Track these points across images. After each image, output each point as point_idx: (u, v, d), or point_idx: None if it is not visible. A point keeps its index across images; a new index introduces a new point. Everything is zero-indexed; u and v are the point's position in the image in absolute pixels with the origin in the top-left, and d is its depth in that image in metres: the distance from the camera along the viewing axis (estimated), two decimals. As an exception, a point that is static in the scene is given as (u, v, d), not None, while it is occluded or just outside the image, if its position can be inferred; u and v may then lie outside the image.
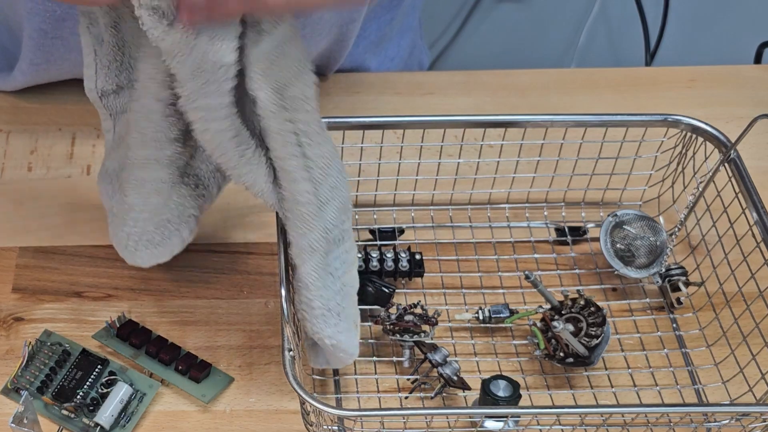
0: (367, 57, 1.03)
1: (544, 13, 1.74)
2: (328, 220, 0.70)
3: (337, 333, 0.71)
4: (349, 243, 0.73)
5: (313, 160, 0.69)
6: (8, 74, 0.95)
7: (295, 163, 0.68)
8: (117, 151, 0.76)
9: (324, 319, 0.71)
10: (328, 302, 0.71)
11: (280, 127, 0.67)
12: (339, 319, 0.71)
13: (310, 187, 0.69)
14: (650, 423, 0.72)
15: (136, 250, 0.76)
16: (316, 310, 0.71)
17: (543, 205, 0.88)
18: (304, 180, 0.69)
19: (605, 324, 0.76)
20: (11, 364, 0.77)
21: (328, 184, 0.70)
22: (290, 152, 0.68)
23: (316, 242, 0.70)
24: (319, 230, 0.70)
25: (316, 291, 0.70)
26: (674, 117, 0.84)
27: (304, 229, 0.69)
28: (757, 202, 0.78)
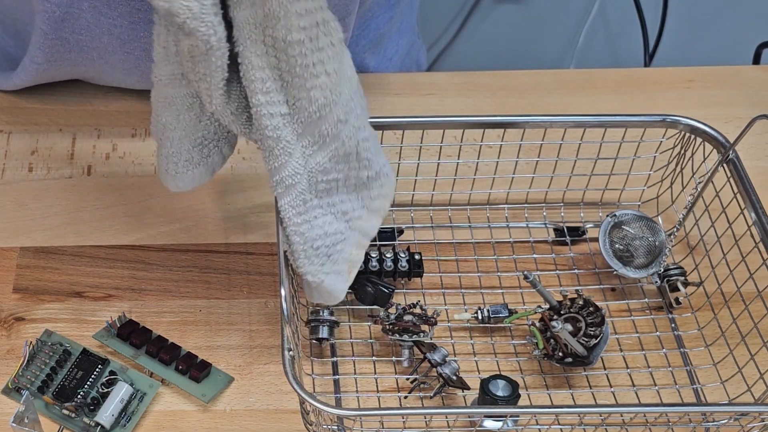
0: (366, 56, 1.04)
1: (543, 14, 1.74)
2: (316, 162, 0.69)
3: (321, 272, 0.71)
4: (379, 191, 0.71)
5: (298, 100, 0.67)
6: (10, 74, 0.95)
7: (264, 99, 0.66)
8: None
9: (305, 255, 0.70)
10: (313, 241, 0.70)
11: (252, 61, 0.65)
12: (326, 260, 0.71)
13: (279, 122, 0.67)
14: (649, 423, 0.72)
15: (176, 173, 0.75)
16: (294, 245, 0.70)
17: (542, 206, 0.89)
18: (274, 115, 0.67)
19: (604, 324, 0.76)
20: (12, 364, 0.77)
21: (318, 129, 0.68)
22: (258, 87, 0.65)
23: (290, 178, 0.68)
24: (292, 167, 0.68)
25: (294, 227, 0.70)
26: (673, 117, 0.84)
27: (275, 164, 0.68)
28: (756, 203, 0.78)
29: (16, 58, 0.96)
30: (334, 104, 0.68)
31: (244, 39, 0.65)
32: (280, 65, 0.66)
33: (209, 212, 0.88)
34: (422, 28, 1.19)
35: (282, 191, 0.69)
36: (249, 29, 0.65)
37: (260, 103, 0.66)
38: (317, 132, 0.68)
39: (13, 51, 0.97)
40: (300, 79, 0.66)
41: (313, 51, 0.66)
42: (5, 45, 0.98)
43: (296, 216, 0.70)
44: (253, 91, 0.66)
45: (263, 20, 0.64)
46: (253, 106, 0.67)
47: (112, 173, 0.91)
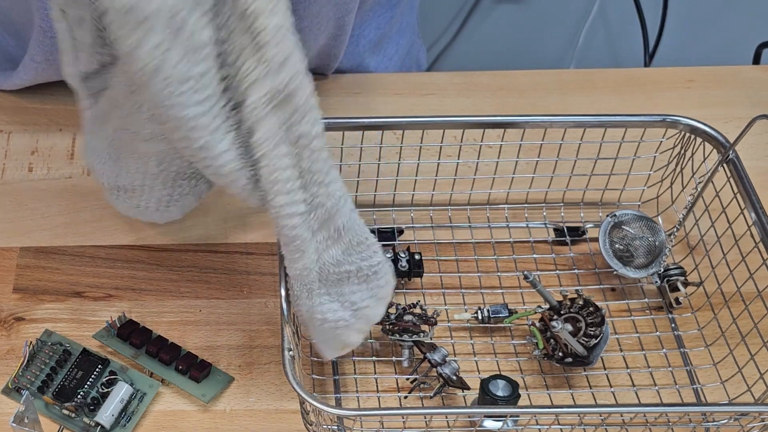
0: (367, 56, 1.04)
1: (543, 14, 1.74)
2: (331, 256, 0.69)
3: (318, 340, 0.72)
4: (385, 278, 0.71)
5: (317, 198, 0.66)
6: (10, 73, 0.95)
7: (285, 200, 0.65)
8: (104, 129, 0.74)
9: (305, 324, 0.72)
10: (322, 325, 0.71)
11: (280, 163, 0.64)
12: (323, 336, 0.72)
13: (299, 221, 0.66)
14: (649, 423, 0.72)
15: (167, 208, 0.76)
16: (303, 314, 0.71)
17: (542, 206, 0.89)
18: (293, 216, 0.66)
19: (604, 324, 0.76)
20: (12, 364, 0.77)
21: (334, 224, 0.68)
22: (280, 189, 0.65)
23: (302, 270, 0.68)
24: (307, 262, 0.68)
25: (300, 307, 0.70)
26: (673, 117, 0.84)
27: (290, 257, 0.68)
28: (756, 203, 0.78)
29: (16, 57, 0.96)
30: (347, 195, 0.68)
31: (271, 143, 0.63)
32: (301, 163, 0.64)
33: (209, 212, 0.88)
34: (422, 28, 1.19)
35: (293, 275, 0.69)
36: (277, 130, 0.63)
37: (280, 205, 0.65)
38: (333, 227, 0.68)
39: (13, 51, 0.97)
40: (320, 175, 0.65)
41: (325, 142, 0.65)
42: (5, 44, 0.98)
43: (297, 299, 0.70)
44: (276, 192, 0.65)
45: (290, 118, 0.63)
46: (272, 208, 0.65)
47: (112, 173, 0.91)
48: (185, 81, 0.60)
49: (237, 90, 0.62)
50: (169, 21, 0.58)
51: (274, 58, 0.61)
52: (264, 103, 0.62)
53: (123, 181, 0.76)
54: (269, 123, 0.63)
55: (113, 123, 0.74)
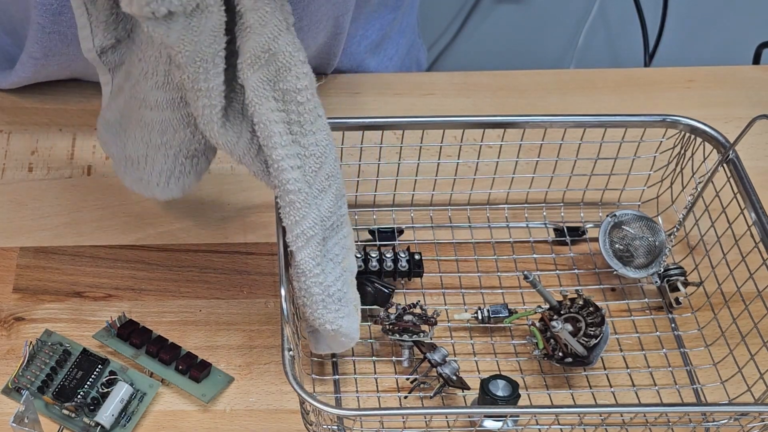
0: (367, 57, 1.04)
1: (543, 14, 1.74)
2: (325, 208, 0.70)
3: (338, 318, 0.72)
4: (347, 228, 0.73)
5: (307, 148, 0.69)
6: (8, 72, 0.95)
7: (283, 152, 0.68)
8: (116, 101, 0.77)
9: (324, 305, 0.71)
10: (329, 288, 0.71)
11: (268, 117, 0.68)
12: (340, 305, 0.72)
13: (299, 175, 0.69)
14: (649, 423, 0.72)
15: (167, 184, 0.77)
16: (315, 296, 0.71)
17: (542, 206, 0.89)
18: (293, 168, 0.69)
19: (604, 324, 0.76)
20: (12, 364, 0.77)
21: (324, 172, 0.70)
22: (277, 142, 0.68)
23: (310, 229, 0.70)
24: (312, 218, 0.70)
25: (314, 278, 0.70)
26: (673, 117, 0.84)
27: (296, 217, 0.69)
28: (756, 203, 0.78)
29: (13, 56, 0.96)
30: (332, 143, 0.71)
31: (258, 98, 0.67)
32: (289, 117, 0.68)
33: (209, 212, 0.88)
34: (422, 28, 1.19)
35: (302, 244, 0.70)
36: (262, 88, 0.67)
37: (281, 158, 0.68)
38: (323, 175, 0.70)
39: (10, 49, 0.97)
40: (308, 125, 0.69)
41: (313, 94, 0.69)
42: (2, 43, 0.98)
43: (315, 267, 0.71)
44: (273, 146, 0.68)
45: (275, 75, 0.67)
46: (274, 162, 0.68)
47: (112, 173, 0.91)
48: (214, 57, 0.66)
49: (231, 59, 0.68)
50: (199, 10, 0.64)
51: (253, 24, 0.66)
52: (248, 66, 0.67)
53: (129, 151, 0.77)
54: (253, 82, 0.67)
55: (125, 94, 0.76)
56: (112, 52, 0.75)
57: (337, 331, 0.72)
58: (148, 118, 0.74)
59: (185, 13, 0.64)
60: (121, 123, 0.78)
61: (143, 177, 0.78)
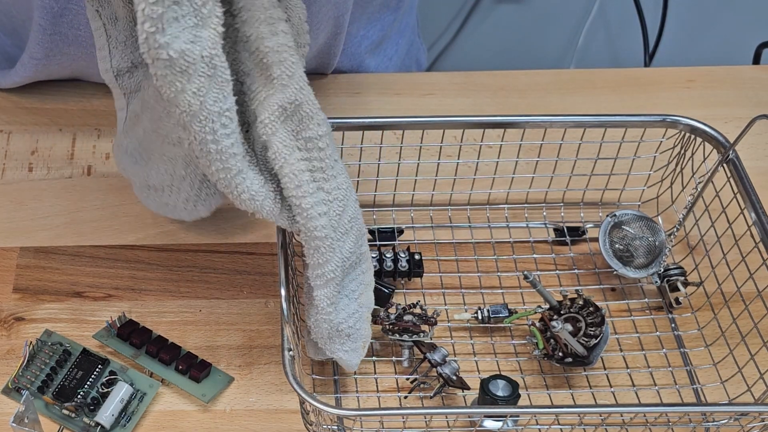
0: (367, 57, 1.04)
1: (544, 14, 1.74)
2: (346, 250, 0.70)
3: (346, 352, 0.73)
4: (367, 264, 0.73)
5: (330, 193, 0.69)
6: (9, 71, 0.95)
7: (312, 200, 0.68)
8: (135, 130, 0.77)
9: (330, 338, 0.72)
10: (339, 325, 0.72)
11: (297, 167, 0.67)
12: (348, 340, 0.72)
13: (326, 221, 0.68)
14: (649, 423, 0.72)
15: (195, 207, 0.77)
16: (323, 330, 0.71)
17: (542, 206, 0.89)
18: (321, 215, 0.68)
19: (604, 324, 0.76)
20: (12, 364, 0.77)
21: (347, 215, 0.70)
22: (306, 191, 0.68)
23: (332, 272, 0.70)
24: (335, 261, 0.70)
25: (326, 315, 0.71)
26: (673, 117, 0.84)
27: (320, 260, 0.69)
28: (756, 203, 0.78)
29: (13, 56, 0.96)
30: (351, 185, 0.71)
31: (288, 150, 0.67)
32: (312, 165, 0.68)
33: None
34: (422, 28, 1.19)
35: (321, 284, 0.70)
36: (289, 139, 0.67)
37: (310, 206, 0.68)
38: (346, 220, 0.70)
39: (10, 50, 0.97)
40: (329, 171, 0.69)
41: (331, 138, 0.69)
42: (2, 43, 0.98)
43: (329, 306, 0.71)
44: (302, 195, 0.68)
45: (298, 125, 0.67)
46: (303, 211, 0.68)
47: (112, 173, 0.91)
48: (220, 116, 0.63)
49: (247, 112, 0.67)
50: (207, 65, 0.61)
51: (280, 76, 0.65)
52: (276, 118, 0.66)
53: (153, 181, 0.78)
54: (282, 135, 0.66)
55: (144, 125, 0.76)
56: (128, 76, 0.75)
57: (341, 360, 0.73)
58: (171, 153, 0.75)
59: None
60: (141, 154, 0.78)
61: (169, 203, 0.78)
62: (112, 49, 0.73)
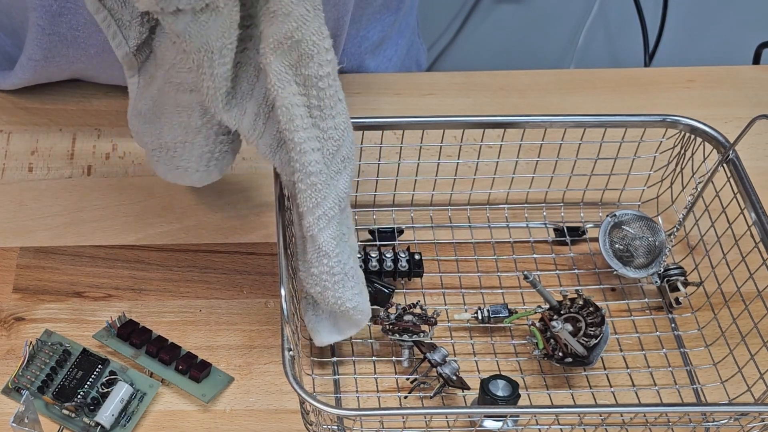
0: (367, 58, 1.04)
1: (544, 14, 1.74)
2: (341, 189, 0.71)
3: (355, 295, 0.73)
4: (349, 209, 0.74)
5: (326, 131, 0.70)
6: (8, 73, 0.95)
7: (305, 135, 0.69)
8: (149, 90, 0.77)
9: (343, 284, 0.72)
10: (345, 266, 0.72)
11: (290, 101, 0.68)
12: (355, 282, 0.73)
13: (319, 157, 0.69)
14: (649, 423, 0.72)
15: (207, 167, 0.79)
16: (336, 276, 0.72)
17: (542, 206, 0.89)
18: (314, 151, 0.69)
19: (604, 324, 0.76)
20: (12, 364, 0.77)
21: (340, 155, 0.70)
22: (299, 125, 0.68)
23: (331, 210, 0.71)
24: (332, 198, 0.70)
25: (336, 257, 0.71)
26: (673, 117, 0.84)
27: (318, 199, 0.70)
28: (756, 203, 0.78)
29: (14, 57, 0.96)
30: (350, 127, 0.71)
31: (281, 83, 0.68)
32: (310, 102, 0.69)
33: (209, 212, 0.88)
34: (422, 28, 1.19)
35: (324, 225, 0.71)
36: (284, 72, 0.67)
37: (303, 140, 0.69)
38: (340, 157, 0.71)
39: (10, 50, 0.97)
40: (328, 110, 0.69)
41: (335, 80, 0.69)
42: (2, 44, 0.98)
43: (336, 247, 0.71)
44: (295, 129, 0.68)
45: (297, 61, 0.67)
46: (296, 145, 0.69)
47: (112, 173, 0.91)
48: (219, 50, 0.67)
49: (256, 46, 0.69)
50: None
51: (278, 11, 0.66)
52: (270, 51, 0.67)
53: (166, 138, 0.78)
54: (276, 66, 0.67)
55: (158, 81, 0.76)
56: (144, 46, 0.76)
57: (355, 308, 0.73)
58: (186, 102, 0.75)
59: (194, 11, 0.65)
60: (154, 111, 0.78)
61: (180, 165, 0.79)
62: (124, 31, 0.74)
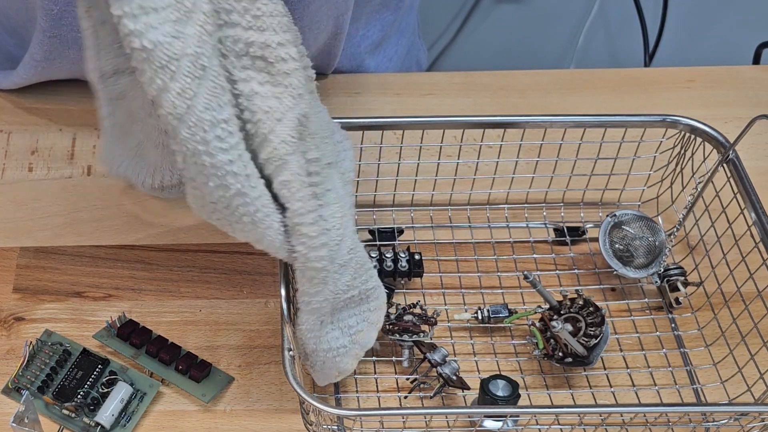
0: (367, 57, 1.04)
1: (544, 14, 1.74)
2: (342, 283, 0.68)
3: (311, 368, 0.73)
4: (377, 302, 0.71)
5: (328, 221, 0.66)
6: (10, 72, 0.95)
7: (317, 229, 0.65)
8: (127, 139, 0.75)
9: (312, 366, 0.72)
10: (317, 354, 0.71)
11: (306, 192, 0.64)
12: (322, 366, 0.72)
13: (326, 252, 0.66)
14: (649, 423, 0.72)
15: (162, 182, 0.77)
16: (309, 355, 0.71)
17: (542, 206, 0.89)
18: (323, 246, 0.65)
19: (604, 324, 0.76)
20: (12, 364, 0.77)
21: (345, 246, 0.67)
22: (313, 218, 0.64)
23: (318, 303, 0.68)
24: (325, 294, 0.68)
25: (305, 340, 0.70)
26: (673, 117, 0.84)
27: (311, 291, 0.68)
28: (756, 203, 0.78)
29: (16, 57, 0.96)
30: (348, 213, 0.67)
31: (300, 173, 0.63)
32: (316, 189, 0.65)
33: (209, 212, 0.88)
34: (422, 28, 1.19)
35: (305, 309, 0.69)
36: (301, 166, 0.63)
37: (315, 235, 0.65)
38: (345, 251, 0.67)
39: (13, 50, 0.97)
40: (327, 197, 0.65)
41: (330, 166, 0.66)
42: (5, 43, 0.98)
43: (308, 332, 0.70)
44: (310, 223, 0.65)
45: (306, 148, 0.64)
46: (308, 240, 0.65)
47: (112, 173, 0.91)
48: (214, 126, 0.60)
49: (256, 134, 0.62)
50: (193, 65, 0.57)
51: (296, 86, 0.62)
52: (292, 137, 0.62)
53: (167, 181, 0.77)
54: (295, 159, 0.63)
55: (136, 136, 0.74)
56: (113, 81, 0.72)
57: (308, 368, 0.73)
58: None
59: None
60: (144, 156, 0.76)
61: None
62: (100, 49, 0.71)
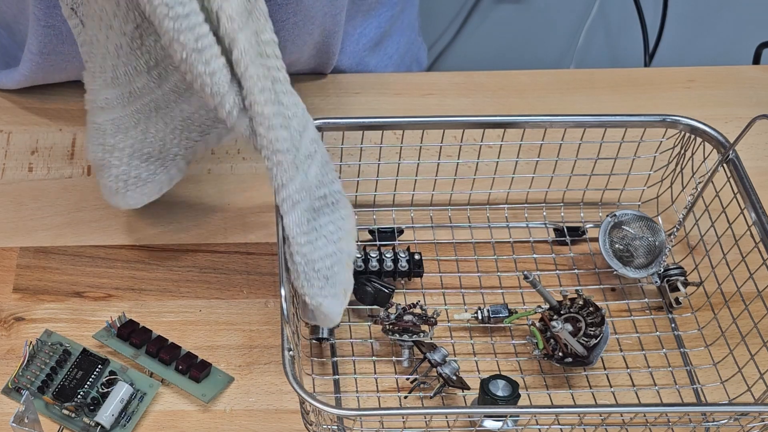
0: (367, 55, 1.04)
1: (544, 14, 1.73)
2: (311, 175, 0.69)
3: (321, 296, 0.72)
4: (347, 211, 0.73)
5: (289, 108, 0.68)
6: (10, 71, 0.95)
7: (274, 110, 0.67)
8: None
9: (306, 277, 0.71)
10: (314, 263, 0.71)
11: (258, 72, 0.66)
12: (325, 283, 0.72)
13: (287, 135, 0.67)
14: (649, 423, 0.72)
15: (126, 191, 0.78)
16: (297, 265, 0.71)
17: (542, 206, 0.89)
18: (282, 127, 0.67)
19: (604, 324, 0.76)
20: (12, 364, 0.77)
21: (308, 136, 0.69)
22: (268, 98, 0.66)
23: (297, 194, 0.69)
24: (299, 182, 0.69)
25: (298, 247, 0.70)
26: (673, 117, 0.84)
27: (283, 179, 0.69)
28: (756, 203, 0.78)
29: (11, 51, 0.96)
30: (307, 111, 0.70)
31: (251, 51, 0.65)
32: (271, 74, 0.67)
33: (209, 212, 0.88)
34: (422, 28, 1.19)
35: (288, 208, 0.70)
36: (253, 39, 0.65)
37: (272, 114, 0.67)
38: (308, 141, 0.69)
39: (6, 42, 0.97)
40: (287, 85, 0.67)
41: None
42: (3, 41, 0.98)
43: (300, 236, 0.70)
44: (264, 102, 0.66)
45: (256, 25, 0.65)
46: (265, 119, 0.67)
47: (112, 173, 0.91)
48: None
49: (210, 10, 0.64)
50: None
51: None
52: (240, 13, 0.64)
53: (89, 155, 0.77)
54: (247, 33, 0.64)
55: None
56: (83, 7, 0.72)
57: (316, 308, 0.72)
58: (100, 119, 0.75)
59: None
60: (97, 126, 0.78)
61: (103, 182, 0.79)
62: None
